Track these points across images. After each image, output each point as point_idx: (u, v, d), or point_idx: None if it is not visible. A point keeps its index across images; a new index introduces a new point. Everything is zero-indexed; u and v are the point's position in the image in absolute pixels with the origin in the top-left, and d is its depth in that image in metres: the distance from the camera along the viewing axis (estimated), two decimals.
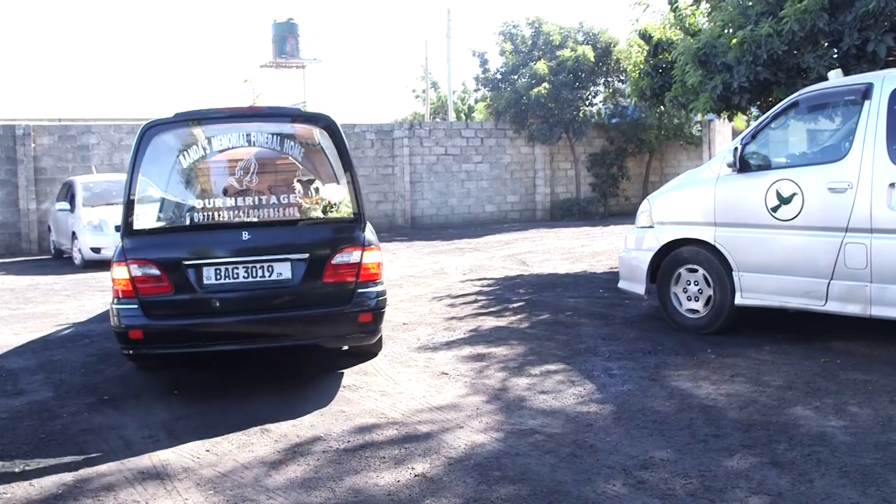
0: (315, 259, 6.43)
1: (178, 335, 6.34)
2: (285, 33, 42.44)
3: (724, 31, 9.99)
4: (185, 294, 6.26)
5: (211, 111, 6.85)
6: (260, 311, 6.38)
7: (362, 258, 6.48)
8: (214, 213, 6.49)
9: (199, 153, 6.67)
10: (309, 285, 6.40)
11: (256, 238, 6.43)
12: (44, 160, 21.01)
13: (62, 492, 4.54)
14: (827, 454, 4.66)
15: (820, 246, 6.85)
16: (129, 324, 6.20)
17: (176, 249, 6.38)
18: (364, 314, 6.46)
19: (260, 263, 6.37)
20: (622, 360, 6.98)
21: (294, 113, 7.40)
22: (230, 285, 6.34)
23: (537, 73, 24.66)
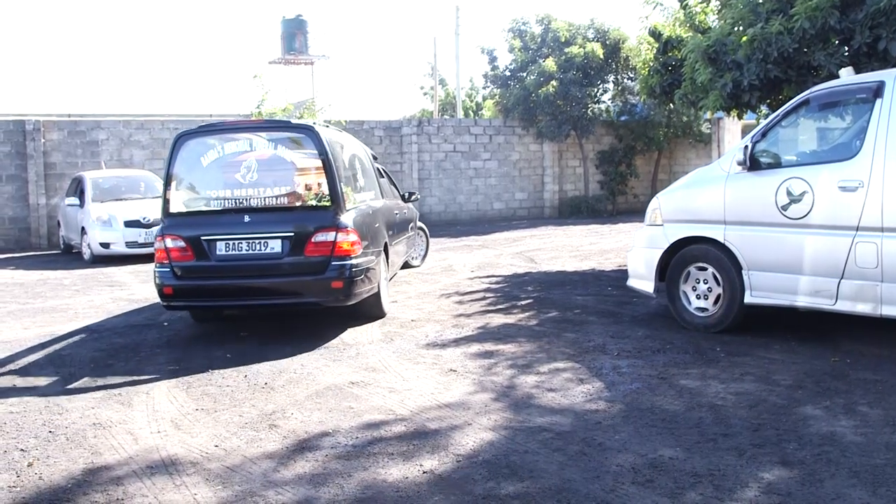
0: (298, 237, 8.20)
1: (197, 292, 8.44)
2: (294, 30, 42.51)
3: (735, 29, 9.96)
4: (202, 261, 8.28)
5: (224, 123, 9.06)
6: (256, 277, 8.26)
7: (336, 238, 8.17)
8: (225, 201, 8.43)
9: (214, 155, 8.60)
10: (293, 257, 8.19)
11: (255, 221, 8.29)
12: (53, 155, 21.08)
13: (71, 486, 4.55)
14: (837, 454, 4.64)
15: (830, 245, 6.82)
16: (163, 282, 8.32)
17: (197, 228, 8.36)
18: (336, 281, 8.14)
19: (257, 240, 8.23)
20: (631, 359, 6.97)
21: (286, 124, 9.23)
22: (235, 256, 8.25)
23: (546, 70, 24.64)
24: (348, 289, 8.19)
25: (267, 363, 7.23)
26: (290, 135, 8.72)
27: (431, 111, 42.66)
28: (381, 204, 10.38)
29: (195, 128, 8.90)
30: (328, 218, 8.25)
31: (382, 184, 11.36)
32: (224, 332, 8.64)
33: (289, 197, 8.38)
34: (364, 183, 9.99)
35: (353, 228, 8.34)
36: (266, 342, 8.08)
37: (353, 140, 10.68)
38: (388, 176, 12.54)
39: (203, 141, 8.67)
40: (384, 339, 8.05)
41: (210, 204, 8.48)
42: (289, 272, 8.21)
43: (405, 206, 12.47)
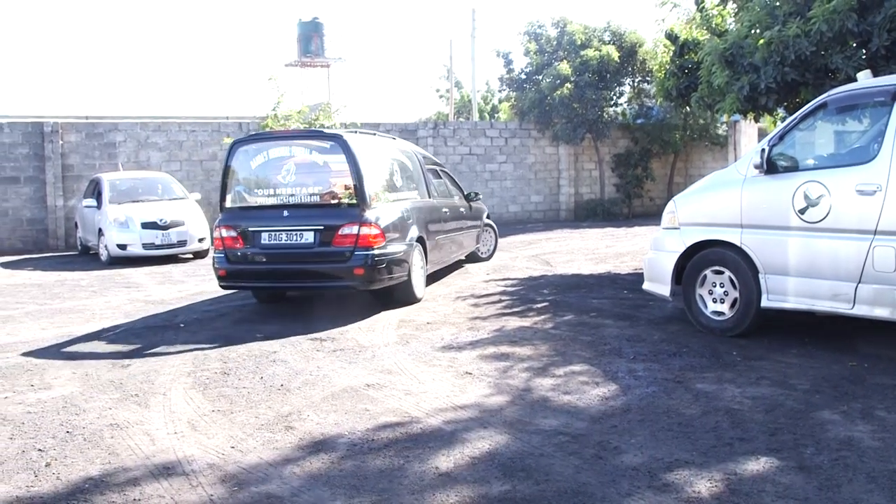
0: (328, 230, 9.51)
1: (244, 275, 9.98)
2: (310, 32, 42.56)
3: (752, 32, 9.93)
4: (249, 249, 9.74)
5: (269, 133, 11.55)
6: (293, 263, 9.66)
7: (359, 231, 9.40)
8: (268, 198, 9.96)
9: (261, 159, 10.10)
10: (323, 247, 9.52)
11: (292, 215, 9.70)
12: (71, 157, 21.19)
13: (88, 486, 4.57)
14: (854, 459, 4.62)
15: (848, 249, 6.78)
16: (218, 266, 9.91)
17: (246, 220, 9.85)
18: (358, 269, 9.36)
19: (294, 231, 9.60)
20: (647, 362, 6.95)
21: (320, 134, 10.82)
22: (275, 245, 9.66)
23: (562, 73, 24.60)
24: (369, 275, 9.42)
25: (283, 365, 7.24)
26: (322, 142, 10.19)
27: (447, 114, 42.66)
28: (423, 202, 11.46)
29: (247, 136, 10.84)
30: (353, 214, 9.49)
31: (436, 184, 12.60)
32: (243, 334, 8.67)
33: (321, 195, 9.83)
34: (402, 183, 11.11)
35: (375, 223, 9.52)
36: (284, 345, 8.10)
37: (396, 145, 12.01)
38: (450, 177, 13.94)
39: (253, 147, 10.26)
40: (400, 342, 8.06)
41: (257, 200, 10.06)
42: (319, 260, 9.57)
43: (462, 205, 13.52)
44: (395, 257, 9.82)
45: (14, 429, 5.61)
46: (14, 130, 20.76)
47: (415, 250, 10.45)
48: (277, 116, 22.41)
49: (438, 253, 11.79)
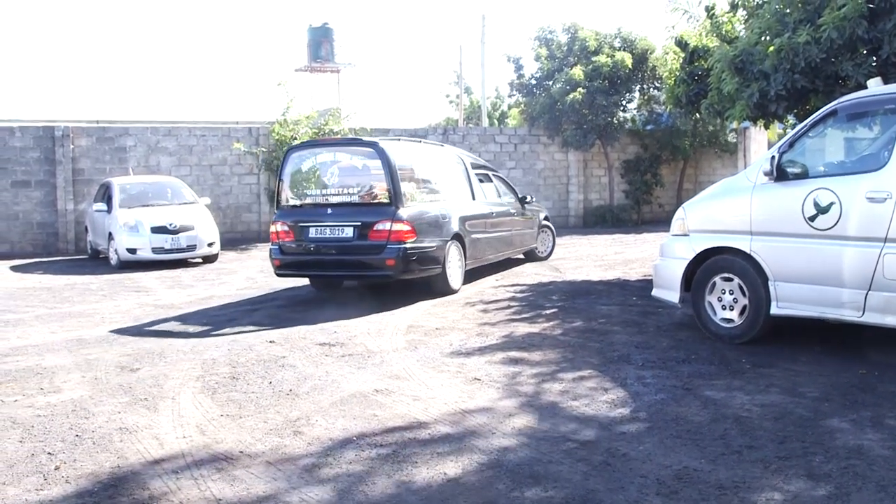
0: (365, 226, 10.82)
1: (295, 265, 11.49)
2: (320, 38, 42.70)
3: (761, 39, 9.91)
4: (299, 241, 11.22)
5: (317, 141, 13.93)
6: (335, 254, 11.06)
7: (391, 227, 10.66)
8: (315, 197, 11.42)
9: (310, 163, 11.69)
10: (360, 241, 10.84)
11: (335, 212, 11.13)
12: (82, 161, 21.29)
13: (97, 489, 4.58)
14: (864, 468, 4.60)
15: (858, 256, 6.76)
16: (273, 257, 11.47)
17: (296, 217, 11.34)
18: (389, 260, 10.62)
19: (336, 227, 10.99)
20: (655, 369, 6.95)
21: (359, 141, 12.39)
22: (321, 238, 11.08)
23: (572, 78, 24.60)
24: (401, 266, 10.68)
25: (291, 370, 7.25)
26: (362, 148, 11.61)
27: (457, 119, 42.73)
28: (463, 203, 12.65)
29: (299, 143, 12.95)
30: (387, 212, 10.74)
31: (483, 187, 13.80)
32: (250, 337, 8.68)
33: (360, 195, 11.16)
34: (442, 185, 12.44)
35: (407, 220, 10.78)
36: (293, 349, 8.11)
37: (441, 151, 13.61)
38: (504, 181, 15.29)
39: (304, 153, 11.84)
40: (408, 347, 8.07)
41: (306, 199, 11.50)
42: (357, 252, 10.91)
43: (513, 207, 14.63)
44: (428, 251, 11.09)
45: (24, 432, 5.63)
46: (25, 134, 20.86)
47: (451, 246, 11.64)
48: (287, 121, 22.47)
49: (480, 250, 12.83)
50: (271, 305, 11.14)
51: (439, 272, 11.38)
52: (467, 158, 13.94)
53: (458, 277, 11.91)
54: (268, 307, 10.95)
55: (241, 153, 22.70)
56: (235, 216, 22.92)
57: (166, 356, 7.93)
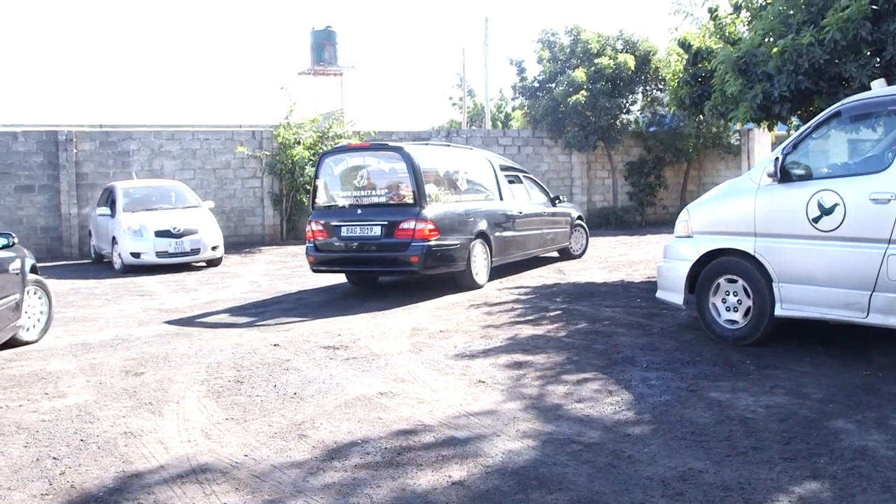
0: (391, 224, 11.61)
1: (328, 261, 12.40)
2: (323, 41, 42.76)
3: (765, 40, 9.91)
4: (332, 240, 12.09)
5: (348, 146, 13.92)
6: (364, 251, 11.92)
7: (415, 226, 11.44)
8: (346, 199, 12.26)
9: (342, 167, 12.53)
10: (387, 239, 11.63)
11: (364, 212, 11.94)
12: (85, 166, 21.32)
13: (102, 494, 4.58)
14: (869, 468, 4.60)
15: (862, 257, 6.76)
16: (309, 253, 12.44)
17: (330, 216, 12.23)
18: (414, 257, 11.43)
19: (365, 225, 11.81)
20: (660, 371, 6.94)
21: (385, 146, 12.77)
22: (351, 236, 11.92)
23: (575, 80, 24.62)
24: (424, 263, 11.49)
25: (296, 373, 7.26)
26: (388, 153, 12.35)
27: (460, 122, 42.75)
28: (490, 203, 13.40)
29: (332, 148, 13.99)
30: (412, 212, 11.54)
31: (512, 188, 14.47)
32: (254, 340, 8.68)
33: (387, 196, 12.01)
34: (468, 187, 13.09)
35: (430, 220, 11.53)
36: (297, 353, 8.12)
37: (469, 154, 14.29)
38: (535, 182, 16.09)
39: (337, 157, 12.71)
40: (412, 350, 8.07)
41: (338, 200, 12.36)
42: (384, 249, 11.72)
43: (544, 207, 15.37)
44: (452, 249, 11.90)
45: (29, 437, 5.64)
46: (28, 139, 20.89)
47: (476, 244, 12.44)
48: (290, 125, 22.49)
49: (507, 247, 13.58)
50: (276, 309, 11.14)
51: (464, 268, 12.18)
52: (496, 160, 14.70)
53: (484, 273, 12.67)
54: (272, 310, 10.95)
55: (245, 157, 22.74)
56: (239, 220, 22.95)
57: (171, 360, 7.94)
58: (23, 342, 8.74)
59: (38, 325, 9.09)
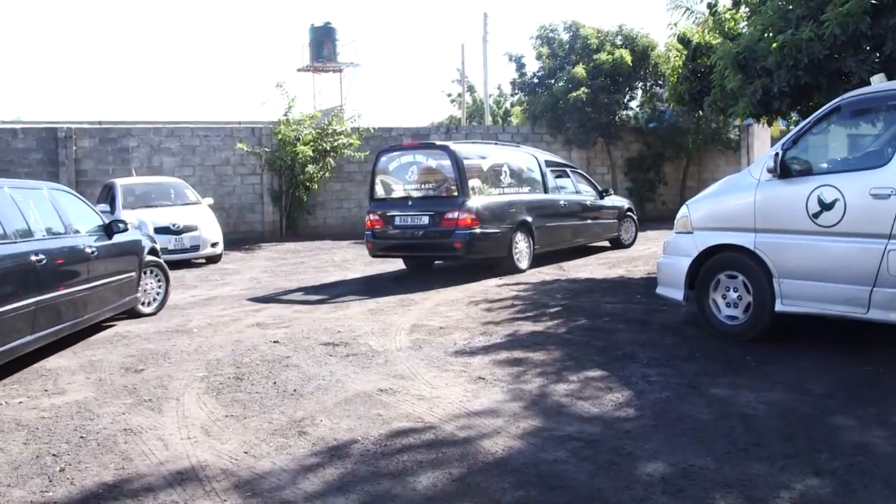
0: (438, 215, 12.99)
1: (384, 247, 13.92)
2: (322, 37, 42.74)
3: (764, 36, 9.88)
4: (387, 228, 13.58)
5: (400, 145, 15.39)
6: (414, 239, 13.41)
7: (458, 216, 12.78)
8: (399, 192, 13.75)
9: (396, 164, 13.88)
10: (434, 227, 13.02)
11: (414, 204, 13.42)
12: (85, 162, 21.31)
13: (102, 491, 4.58)
14: (870, 464, 4.59)
15: (862, 253, 6.75)
16: (367, 241, 13.94)
17: (385, 208, 13.69)
18: (457, 243, 12.81)
19: (415, 216, 13.25)
20: (660, 367, 6.94)
21: (432, 145, 14.61)
22: (403, 225, 13.40)
23: (574, 76, 24.59)
24: (467, 249, 12.85)
25: (296, 370, 7.25)
26: (435, 151, 13.80)
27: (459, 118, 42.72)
28: (533, 196, 14.74)
29: (387, 147, 14.92)
30: (456, 203, 12.92)
31: (557, 182, 15.83)
32: (254, 337, 8.67)
33: (434, 189, 13.45)
34: (511, 181, 14.33)
35: (472, 210, 12.87)
36: (297, 349, 8.11)
37: (514, 151, 15.56)
38: (583, 176, 17.42)
39: (391, 155, 14.08)
40: (412, 347, 8.06)
41: (392, 193, 13.86)
42: (432, 236, 13.13)
43: (591, 199, 16.68)
44: (493, 236, 13.23)
45: (28, 434, 5.63)
46: (28, 136, 20.88)
47: (517, 233, 13.72)
48: (290, 121, 22.48)
49: (549, 236, 14.83)
50: (276, 305, 11.13)
51: (506, 255, 13.47)
52: (542, 156, 16.09)
53: (526, 260, 13.95)
54: (272, 307, 10.94)
55: (245, 153, 22.72)
56: (239, 216, 22.94)
57: (170, 357, 7.93)
58: (142, 314, 10.44)
59: (156, 301, 10.79)
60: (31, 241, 7.65)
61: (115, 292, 9.44)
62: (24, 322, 7.20)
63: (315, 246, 20.59)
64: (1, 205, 7.52)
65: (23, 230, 7.62)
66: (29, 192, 8.42)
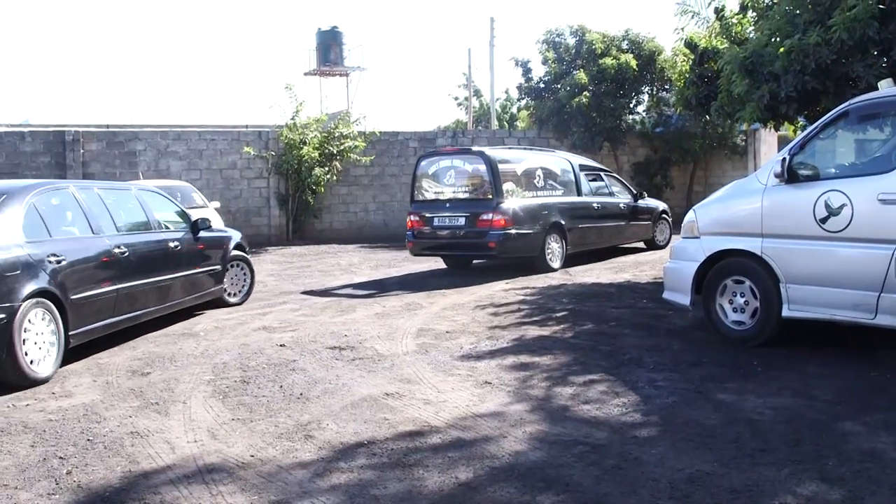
0: (473, 216, 13.74)
1: (424, 246, 14.66)
2: (329, 41, 42.78)
3: (772, 40, 9.87)
4: (426, 228, 14.34)
5: (439, 150, 16.65)
6: (451, 238, 14.21)
7: (492, 217, 13.51)
8: (438, 194, 14.50)
9: (435, 168, 14.67)
10: (469, 228, 13.80)
11: (451, 206, 14.14)
12: (92, 166, 21.35)
13: (109, 494, 4.59)
14: (878, 471, 4.58)
15: (870, 258, 6.73)
16: (408, 240, 14.83)
17: (424, 209, 14.38)
18: (491, 243, 13.55)
19: (452, 217, 14.02)
20: (667, 372, 6.93)
21: (468, 150, 15.28)
22: (441, 225, 14.19)
23: (580, 81, 24.56)
24: (500, 248, 13.59)
25: (302, 373, 7.26)
26: (471, 156, 14.47)
27: (466, 122, 42.74)
28: (566, 199, 15.42)
29: (427, 152, 16.20)
30: (490, 205, 13.65)
31: (592, 186, 16.54)
32: (260, 341, 8.68)
33: (469, 192, 14.19)
34: (545, 184, 15.07)
35: (505, 212, 13.60)
36: (303, 353, 8.12)
37: (548, 156, 16.23)
38: (618, 180, 18.16)
39: (430, 160, 14.91)
40: (419, 351, 8.06)
41: (430, 195, 14.58)
42: (467, 236, 13.94)
43: (625, 202, 17.30)
44: (526, 237, 13.94)
45: (35, 436, 5.64)
46: (36, 139, 20.94)
47: (550, 234, 14.45)
48: (297, 125, 22.51)
49: (582, 237, 15.56)
50: (283, 309, 11.13)
51: (538, 254, 14.19)
52: (576, 161, 16.75)
53: (558, 259, 14.67)
54: (279, 310, 10.94)
55: (251, 157, 22.75)
56: (245, 220, 22.94)
57: (177, 360, 7.94)
58: (229, 304, 11.39)
59: (242, 292, 11.75)
60: (115, 235, 8.80)
61: (199, 283, 10.49)
62: (107, 306, 8.37)
63: (321, 250, 20.59)
64: (90, 205, 8.69)
65: (108, 226, 8.78)
66: (118, 193, 9.81)
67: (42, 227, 7.80)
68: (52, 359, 7.36)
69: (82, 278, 7.98)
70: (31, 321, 7.13)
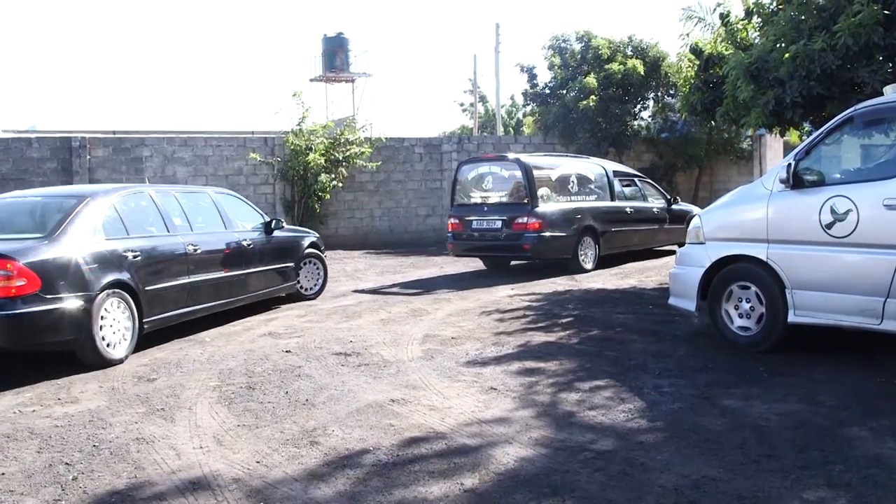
0: (509, 219, 14.47)
1: (463, 247, 15.45)
2: (335, 48, 42.91)
3: (777, 46, 9.88)
4: (465, 231, 15.06)
5: (477, 157, 17.88)
6: (489, 240, 14.91)
7: (527, 221, 14.24)
8: (476, 198, 15.49)
9: (473, 174, 15.70)
10: (506, 230, 14.51)
11: (489, 210, 15.03)
12: (98, 172, 21.35)
13: (115, 500, 4.60)
14: (884, 476, 4.57)
15: (875, 263, 6.72)
16: (449, 241, 15.60)
17: (464, 212, 15.22)
18: (525, 245, 14.29)
19: (490, 220, 14.80)
20: (672, 378, 6.92)
21: (505, 157, 15.94)
22: (479, 228, 14.88)
23: (586, 87, 24.56)
24: (535, 250, 14.38)
25: (308, 380, 7.26)
26: (507, 162, 15.34)
27: (471, 128, 42.78)
28: (599, 204, 16.03)
29: (466, 159, 17.29)
30: (525, 209, 14.38)
31: (626, 191, 17.18)
32: (266, 347, 8.69)
33: (505, 197, 15.05)
34: (579, 189, 15.76)
35: (540, 216, 14.31)
36: (309, 359, 8.12)
37: (581, 162, 16.93)
38: (653, 185, 18.63)
39: (469, 166, 15.91)
40: (424, 357, 8.06)
41: (470, 199, 15.57)
42: (504, 238, 14.63)
43: (657, 207, 17.80)
44: (559, 239, 14.65)
45: (41, 442, 5.66)
46: (42, 145, 20.97)
47: (583, 236, 15.11)
48: (303, 131, 22.53)
49: (614, 240, 16.17)
50: (289, 315, 11.14)
51: (571, 256, 14.89)
52: (610, 167, 17.37)
53: (591, 261, 15.36)
54: (285, 316, 10.95)
55: (257, 163, 22.77)
56: None
57: (183, 366, 7.95)
58: (305, 298, 12.45)
59: (316, 287, 12.76)
60: (189, 234, 9.79)
61: (271, 278, 11.51)
62: (179, 297, 9.38)
63: (327, 256, 20.57)
64: (167, 206, 9.73)
65: (183, 225, 9.82)
66: (193, 196, 10.81)
67: (121, 225, 8.80)
68: (126, 343, 8.33)
69: (156, 272, 8.97)
70: (107, 309, 8.11)
